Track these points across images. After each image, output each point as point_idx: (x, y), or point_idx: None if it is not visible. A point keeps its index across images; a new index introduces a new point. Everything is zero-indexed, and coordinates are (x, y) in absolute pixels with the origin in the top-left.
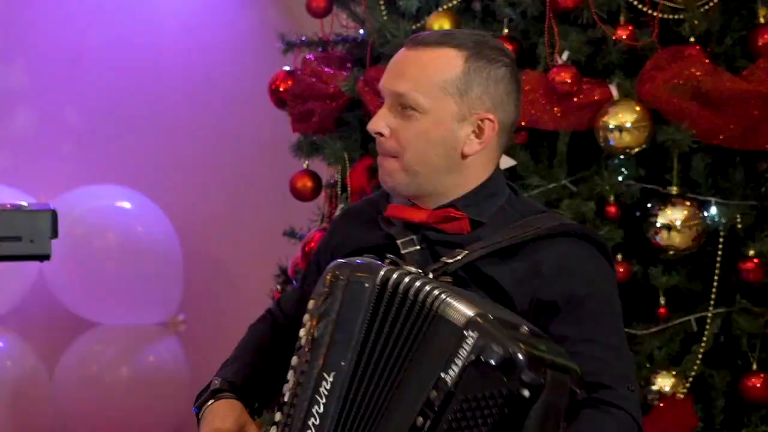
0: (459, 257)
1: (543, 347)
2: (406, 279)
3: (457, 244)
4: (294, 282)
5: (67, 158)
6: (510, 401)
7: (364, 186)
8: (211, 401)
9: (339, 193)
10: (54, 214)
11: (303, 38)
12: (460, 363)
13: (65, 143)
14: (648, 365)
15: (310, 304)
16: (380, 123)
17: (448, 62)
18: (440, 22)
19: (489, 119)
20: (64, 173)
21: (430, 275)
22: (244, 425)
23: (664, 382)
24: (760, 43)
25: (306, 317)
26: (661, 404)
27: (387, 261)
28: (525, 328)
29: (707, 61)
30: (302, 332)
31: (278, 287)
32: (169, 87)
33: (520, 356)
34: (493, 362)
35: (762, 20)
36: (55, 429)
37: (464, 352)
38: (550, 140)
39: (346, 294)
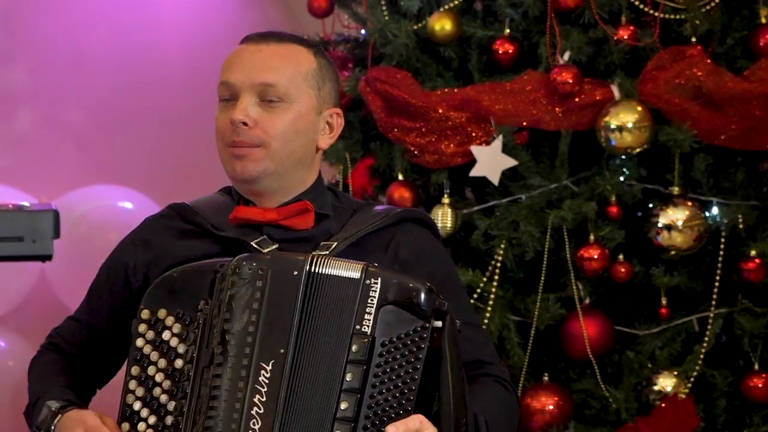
0: (332, 248)
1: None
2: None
3: (306, 239)
4: None
5: (68, 158)
6: (427, 334)
7: (365, 186)
8: (59, 416)
9: None
10: (56, 215)
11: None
12: (372, 310)
13: (67, 143)
14: (649, 365)
15: (145, 314)
16: (243, 113)
17: (304, 56)
18: (442, 23)
19: (337, 114)
20: (66, 173)
21: None
22: (101, 416)
23: (665, 383)
24: (761, 43)
25: (142, 327)
26: (663, 404)
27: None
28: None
29: (709, 61)
30: (140, 342)
31: None
32: (170, 87)
33: (423, 289)
34: (403, 300)
35: (763, 20)
36: None
37: (373, 300)
38: (552, 140)
39: (272, 285)
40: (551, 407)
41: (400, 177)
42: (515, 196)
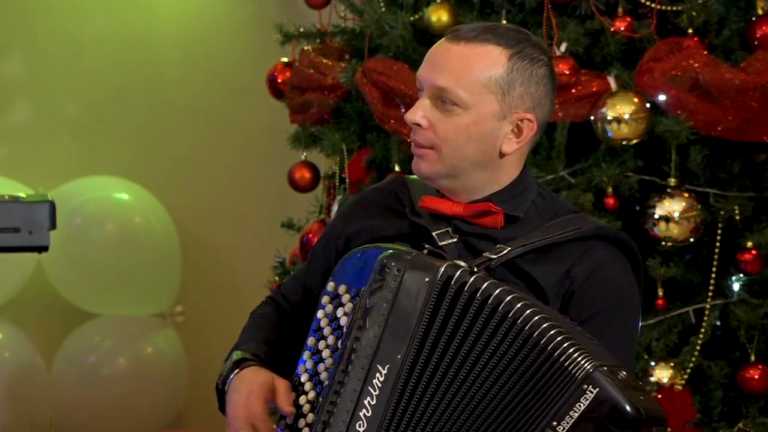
0: (502, 253)
1: (642, 396)
2: (470, 279)
3: (491, 238)
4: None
5: (65, 149)
6: None
7: (362, 177)
8: (236, 371)
9: (337, 184)
10: (52, 206)
11: (301, 29)
12: (575, 416)
13: (63, 134)
14: (646, 356)
15: (330, 286)
16: (419, 114)
17: (493, 60)
18: (438, 14)
19: (528, 119)
20: (63, 164)
21: (475, 269)
22: (273, 381)
23: (662, 374)
24: (758, 35)
25: (325, 299)
26: (659, 395)
27: (425, 251)
28: (623, 373)
29: (705, 52)
30: (320, 313)
31: (276, 278)
32: (167, 78)
33: (634, 414)
34: (610, 421)
35: (760, 12)
36: (53, 419)
37: (581, 406)
38: (549, 131)
39: (403, 287)
40: None
41: (397, 168)
42: None
